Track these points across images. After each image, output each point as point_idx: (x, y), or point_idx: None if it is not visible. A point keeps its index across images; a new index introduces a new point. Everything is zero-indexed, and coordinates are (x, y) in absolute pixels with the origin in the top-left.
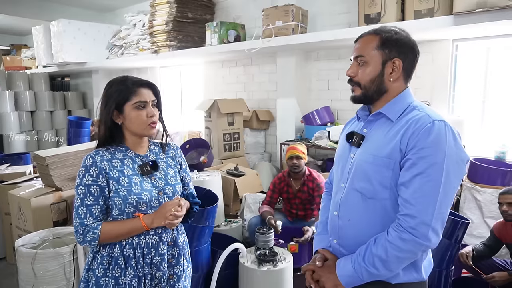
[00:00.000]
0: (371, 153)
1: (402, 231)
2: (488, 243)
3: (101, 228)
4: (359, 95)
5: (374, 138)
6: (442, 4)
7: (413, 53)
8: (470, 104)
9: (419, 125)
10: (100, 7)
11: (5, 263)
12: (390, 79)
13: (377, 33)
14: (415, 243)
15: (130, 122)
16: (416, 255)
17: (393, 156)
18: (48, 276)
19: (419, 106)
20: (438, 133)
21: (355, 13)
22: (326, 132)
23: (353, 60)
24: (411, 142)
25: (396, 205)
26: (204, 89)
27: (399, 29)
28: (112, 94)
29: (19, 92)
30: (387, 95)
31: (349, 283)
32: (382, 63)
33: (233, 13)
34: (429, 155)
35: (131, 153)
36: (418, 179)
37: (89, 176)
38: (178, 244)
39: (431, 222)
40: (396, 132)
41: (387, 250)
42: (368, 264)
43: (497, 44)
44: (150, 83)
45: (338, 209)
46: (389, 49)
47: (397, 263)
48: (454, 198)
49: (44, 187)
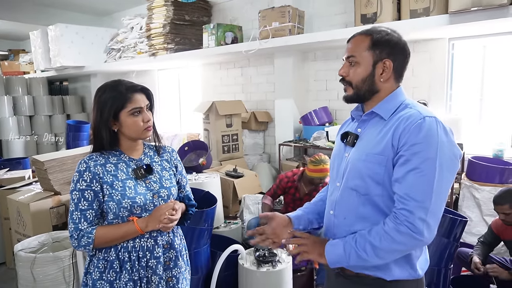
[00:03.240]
0: (364, 151)
1: (399, 223)
2: (486, 240)
3: (95, 232)
4: (351, 94)
5: (368, 137)
6: (437, 3)
7: (404, 53)
8: (467, 102)
9: (410, 121)
10: (97, 11)
11: (5, 267)
12: (381, 79)
13: (368, 34)
14: (410, 237)
15: (126, 128)
16: (408, 249)
17: (386, 153)
18: (47, 280)
19: (411, 104)
20: (429, 128)
21: (352, 13)
22: (324, 132)
23: (345, 60)
24: (403, 138)
25: (389, 202)
26: (202, 91)
27: (391, 30)
28: (106, 101)
29: (18, 97)
30: (378, 95)
31: (334, 261)
32: (373, 64)
33: (230, 15)
34: (421, 151)
35: (125, 157)
36: (412, 175)
37: (82, 181)
38: (175, 246)
39: (426, 217)
40: (388, 129)
41: (381, 239)
42: (359, 247)
43: (493, 42)
44: (144, 88)
45: (334, 208)
46: (380, 49)
47: (388, 253)
48: (451, 197)
49: (43, 192)
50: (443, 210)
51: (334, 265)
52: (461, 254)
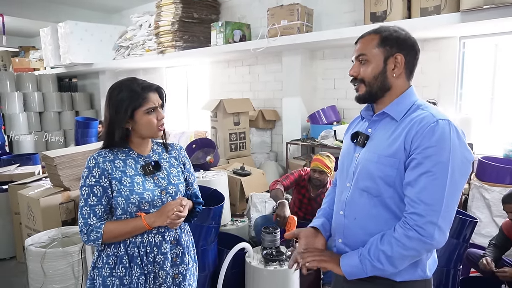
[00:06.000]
0: (375, 152)
1: (408, 228)
2: (497, 243)
3: (104, 227)
4: (364, 93)
5: (379, 138)
6: (449, 1)
7: (414, 50)
8: (478, 102)
9: (423, 124)
10: (106, 8)
11: (15, 262)
12: (393, 74)
13: (376, 32)
14: (420, 242)
15: (140, 126)
16: (420, 253)
17: (398, 156)
18: (57, 275)
19: (423, 105)
20: (442, 132)
21: (361, 11)
22: (332, 131)
23: (354, 60)
24: (415, 142)
25: (401, 204)
26: (210, 89)
27: (398, 28)
28: (123, 100)
29: (28, 93)
30: (390, 93)
31: (351, 273)
32: (384, 60)
33: (239, 13)
34: (434, 154)
35: (134, 154)
36: (424, 178)
37: (92, 177)
38: (182, 243)
39: (437, 221)
40: (400, 131)
41: (392, 247)
42: (374, 258)
43: (505, 41)
44: (158, 87)
45: (344, 209)
46: (390, 45)
47: (402, 260)
48: (460, 198)
49: (52, 187)
50: (454, 213)
51: (352, 277)
52: (470, 255)
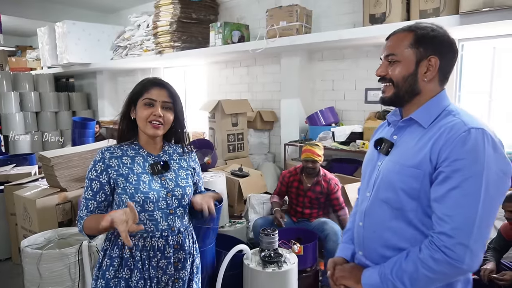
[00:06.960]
0: (398, 162)
1: (435, 250)
2: (496, 246)
3: (84, 220)
4: (390, 95)
5: (404, 146)
6: (448, 4)
7: (452, 52)
8: (476, 104)
9: (453, 133)
10: (104, 8)
11: (11, 263)
12: (425, 78)
13: (411, 30)
14: (448, 265)
15: (137, 118)
16: (450, 277)
17: (423, 167)
18: (53, 277)
19: (455, 111)
20: (475, 143)
21: (360, 13)
22: (330, 133)
23: (383, 59)
24: (443, 153)
25: (424, 218)
26: (208, 89)
27: (436, 26)
28: (133, 90)
29: (24, 93)
30: (419, 98)
31: None
32: (416, 63)
33: (237, 14)
34: (464, 168)
35: (144, 152)
36: (453, 194)
37: (94, 171)
38: (185, 248)
39: (469, 243)
40: (427, 140)
41: (417, 268)
42: (396, 278)
43: (503, 44)
44: (165, 84)
45: (363, 220)
46: (424, 47)
47: (427, 283)
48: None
49: (49, 188)
50: (489, 235)
51: None
52: None
